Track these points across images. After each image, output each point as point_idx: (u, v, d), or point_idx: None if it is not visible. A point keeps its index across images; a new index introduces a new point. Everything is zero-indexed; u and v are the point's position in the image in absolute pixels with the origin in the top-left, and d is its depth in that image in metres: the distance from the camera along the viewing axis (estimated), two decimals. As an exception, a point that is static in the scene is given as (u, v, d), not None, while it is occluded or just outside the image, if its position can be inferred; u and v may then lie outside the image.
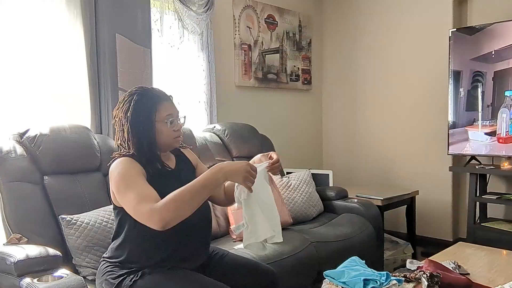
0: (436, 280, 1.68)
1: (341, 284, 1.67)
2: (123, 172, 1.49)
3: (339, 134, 4.34)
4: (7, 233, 1.91)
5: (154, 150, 1.58)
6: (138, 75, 2.66)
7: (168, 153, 1.69)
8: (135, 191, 1.43)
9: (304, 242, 2.37)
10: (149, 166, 1.56)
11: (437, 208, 3.67)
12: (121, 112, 1.58)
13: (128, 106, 1.56)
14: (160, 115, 1.56)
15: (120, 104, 1.60)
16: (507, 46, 3.04)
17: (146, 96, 1.59)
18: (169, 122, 1.58)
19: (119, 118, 1.59)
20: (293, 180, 2.89)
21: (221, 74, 3.36)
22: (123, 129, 1.57)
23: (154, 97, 1.59)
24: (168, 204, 1.37)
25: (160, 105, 1.57)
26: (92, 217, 1.94)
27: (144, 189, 1.44)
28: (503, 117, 3.07)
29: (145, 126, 1.55)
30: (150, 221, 1.37)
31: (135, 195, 1.41)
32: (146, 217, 1.38)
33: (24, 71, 2.31)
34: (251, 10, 3.64)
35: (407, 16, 3.79)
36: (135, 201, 1.41)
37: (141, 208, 1.39)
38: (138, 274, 1.51)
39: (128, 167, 1.51)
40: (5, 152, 1.98)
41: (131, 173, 1.49)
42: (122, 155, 1.57)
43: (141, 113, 1.55)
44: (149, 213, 1.37)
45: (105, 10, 2.50)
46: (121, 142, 1.60)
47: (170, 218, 1.36)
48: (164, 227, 1.36)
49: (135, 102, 1.56)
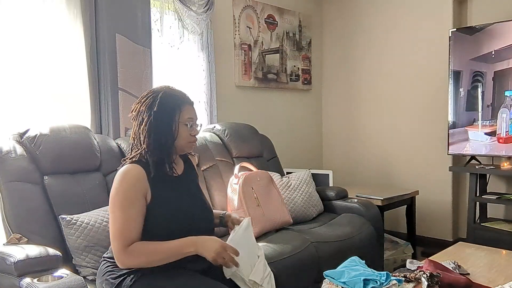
0: (436, 280, 1.68)
1: (341, 284, 1.67)
2: (123, 189, 1.51)
3: (339, 134, 4.34)
4: (7, 233, 1.91)
5: (170, 150, 1.59)
6: (138, 75, 2.66)
7: (178, 158, 1.70)
8: (121, 220, 1.49)
9: (304, 242, 2.37)
10: (158, 167, 1.55)
11: (437, 208, 3.67)
12: (144, 106, 1.57)
13: (153, 101, 1.56)
14: (183, 117, 1.57)
15: (143, 98, 1.60)
16: (507, 46, 3.04)
17: (172, 95, 1.60)
18: (189, 126, 1.59)
19: (140, 111, 1.58)
20: (293, 180, 2.89)
21: (221, 74, 3.36)
22: (142, 123, 1.56)
23: (180, 98, 1.60)
24: (140, 256, 1.49)
25: (184, 107, 1.59)
26: (92, 217, 1.94)
27: (130, 223, 1.49)
28: (503, 117, 3.07)
29: (168, 124, 1.56)
30: (118, 258, 1.49)
31: (118, 226, 1.49)
32: (116, 252, 1.49)
33: (24, 71, 2.31)
34: (251, 10, 3.64)
35: (407, 16, 3.79)
36: (116, 231, 1.49)
37: (117, 241, 1.49)
38: (138, 274, 1.51)
39: (131, 186, 1.52)
40: (5, 152, 1.98)
41: (131, 195, 1.51)
42: (130, 162, 1.56)
43: (165, 111, 1.55)
44: (120, 252, 1.48)
45: (105, 10, 2.50)
46: (136, 135, 1.59)
47: (135, 265, 1.50)
48: (127, 268, 1.51)
49: (161, 99, 1.56)
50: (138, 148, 1.58)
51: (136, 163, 1.56)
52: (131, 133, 1.63)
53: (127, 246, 1.47)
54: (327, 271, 1.76)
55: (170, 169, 1.60)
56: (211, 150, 2.84)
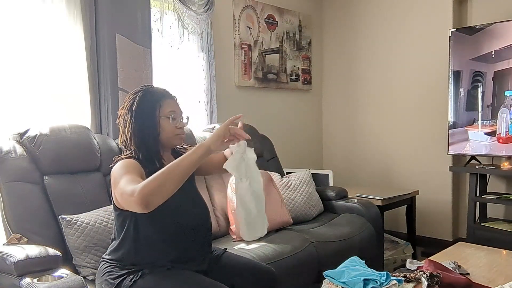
0: (436, 280, 1.68)
1: (341, 284, 1.67)
2: (121, 167, 1.51)
3: (339, 134, 4.34)
4: (7, 233, 1.91)
5: (156, 146, 1.60)
6: (138, 75, 2.66)
7: (169, 155, 1.69)
8: (125, 178, 1.43)
9: (304, 242, 2.37)
10: (149, 165, 1.56)
11: (437, 208, 3.67)
12: (126, 108, 1.61)
13: (133, 101, 1.60)
14: (163, 111, 1.59)
15: (125, 102, 1.63)
16: (507, 46, 3.04)
17: (150, 92, 1.63)
18: (172, 118, 1.60)
19: (123, 114, 1.61)
20: (293, 180, 2.89)
21: (221, 74, 3.36)
22: (126, 125, 1.59)
23: (159, 94, 1.63)
24: (149, 182, 1.34)
25: (164, 101, 1.61)
26: (92, 217, 1.94)
27: (134, 177, 1.43)
28: (503, 117, 3.07)
29: (149, 121, 1.57)
30: (132, 203, 1.33)
31: (123, 182, 1.42)
32: (128, 198, 1.35)
33: (24, 71, 2.31)
34: (251, 10, 3.64)
35: (407, 16, 3.78)
36: (122, 186, 1.40)
37: (125, 190, 1.37)
38: (138, 274, 1.51)
39: (128, 164, 1.52)
40: (5, 152, 1.98)
41: (129, 168, 1.50)
42: (124, 157, 1.58)
43: (145, 108, 1.58)
44: (131, 192, 1.33)
45: (105, 10, 2.50)
46: (123, 139, 1.61)
47: (151, 195, 1.32)
48: (147, 207, 1.32)
49: (140, 98, 1.60)
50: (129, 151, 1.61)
51: (129, 158, 1.57)
52: (119, 139, 1.65)
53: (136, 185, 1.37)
54: (327, 271, 1.76)
55: (160, 165, 1.58)
56: (211, 150, 2.83)
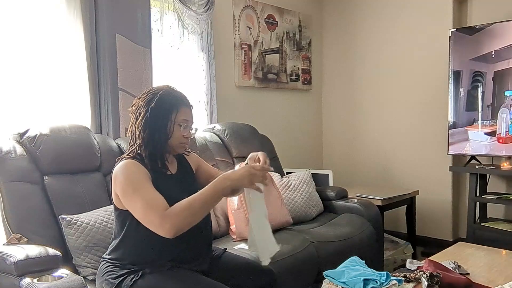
0: (436, 280, 1.68)
1: (341, 284, 1.67)
2: (130, 176, 1.50)
3: (339, 134, 4.34)
4: (7, 233, 1.91)
5: (163, 147, 1.59)
6: (138, 75, 2.66)
7: (172, 157, 1.70)
8: (143, 197, 1.44)
9: (304, 242, 2.37)
10: (151, 162, 1.56)
11: (437, 208, 3.67)
12: (143, 101, 1.59)
13: (153, 97, 1.58)
14: (178, 117, 1.59)
15: (143, 94, 1.62)
16: (507, 46, 3.04)
17: (172, 95, 1.62)
18: (183, 127, 1.60)
19: (138, 106, 1.60)
20: (293, 180, 2.89)
21: (221, 74, 3.36)
22: (138, 117, 1.58)
23: (179, 99, 1.62)
24: (180, 212, 1.40)
25: (182, 108, 1.60)
26: (92, 217, 1.94)
27: (152, 195, 1.45)
28: (503, 117, 3.07)
29: (163, 121, 1.57)
30: (160, 228, 1.39)
31: (143, 202, 1.43)
32: (156, 225, 1.40)
33: (24, 71, 2.31)
34: (251, 10, 3.64)
35: (407, 16, 3.78)
36: (144, 208, 1.43)
37: (151, 215, 1.41)
38: (138, 274, 1.51)
39: (134, 170, 1.52)
40: (5, 152, 1.98)
41: (138, 177, 1.50)
42: (127, 157, 1.57)
43: (163, 108, 1.57)
44: (160, 221, 1.39)
45: (105, 10, 2.50)
46: (132, 130, 1.61)
47: (181, 225, 1.40)
48: (175, 235, 1.40)
49: (161, 96, 1.58)
50: (133, 143, 1.60)
51: (131, 159, 1.57)
52: (129, 127, 1.65)
53: (163, 211, 1.41)
54: (327, 271, 1.76)
55: (163, 166, 1.60)
56: (211, 150, 2.84)
